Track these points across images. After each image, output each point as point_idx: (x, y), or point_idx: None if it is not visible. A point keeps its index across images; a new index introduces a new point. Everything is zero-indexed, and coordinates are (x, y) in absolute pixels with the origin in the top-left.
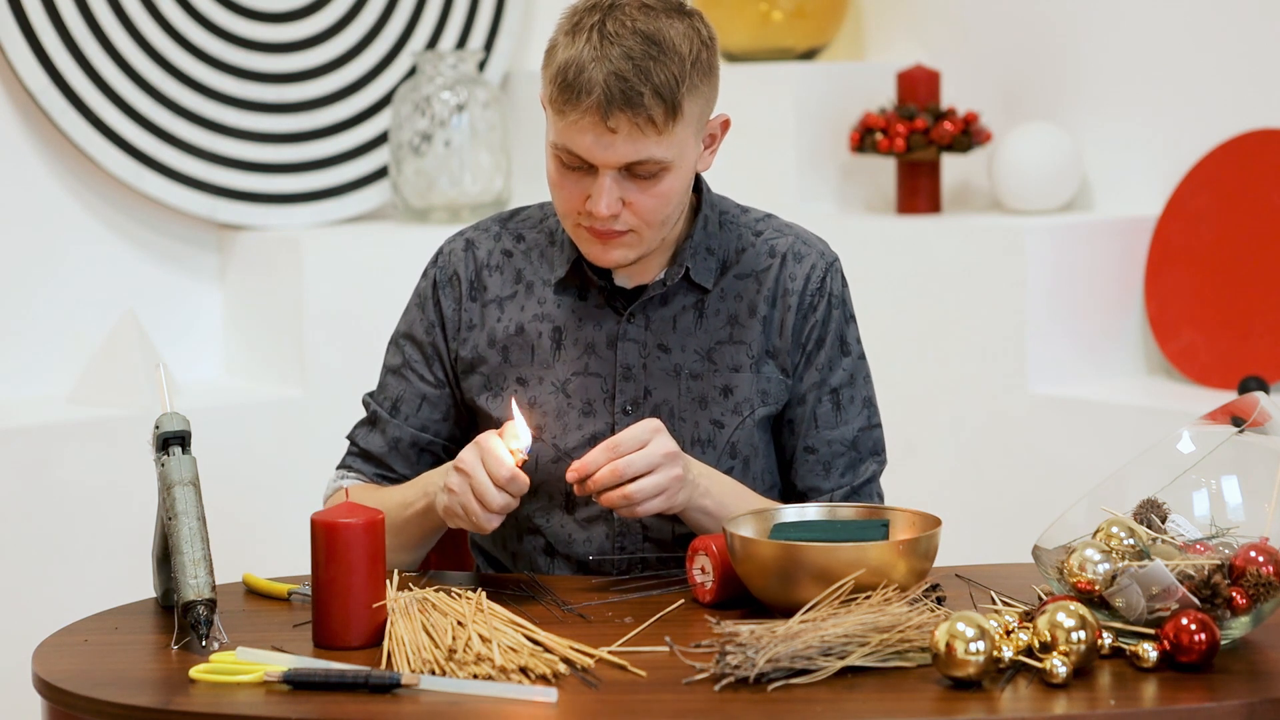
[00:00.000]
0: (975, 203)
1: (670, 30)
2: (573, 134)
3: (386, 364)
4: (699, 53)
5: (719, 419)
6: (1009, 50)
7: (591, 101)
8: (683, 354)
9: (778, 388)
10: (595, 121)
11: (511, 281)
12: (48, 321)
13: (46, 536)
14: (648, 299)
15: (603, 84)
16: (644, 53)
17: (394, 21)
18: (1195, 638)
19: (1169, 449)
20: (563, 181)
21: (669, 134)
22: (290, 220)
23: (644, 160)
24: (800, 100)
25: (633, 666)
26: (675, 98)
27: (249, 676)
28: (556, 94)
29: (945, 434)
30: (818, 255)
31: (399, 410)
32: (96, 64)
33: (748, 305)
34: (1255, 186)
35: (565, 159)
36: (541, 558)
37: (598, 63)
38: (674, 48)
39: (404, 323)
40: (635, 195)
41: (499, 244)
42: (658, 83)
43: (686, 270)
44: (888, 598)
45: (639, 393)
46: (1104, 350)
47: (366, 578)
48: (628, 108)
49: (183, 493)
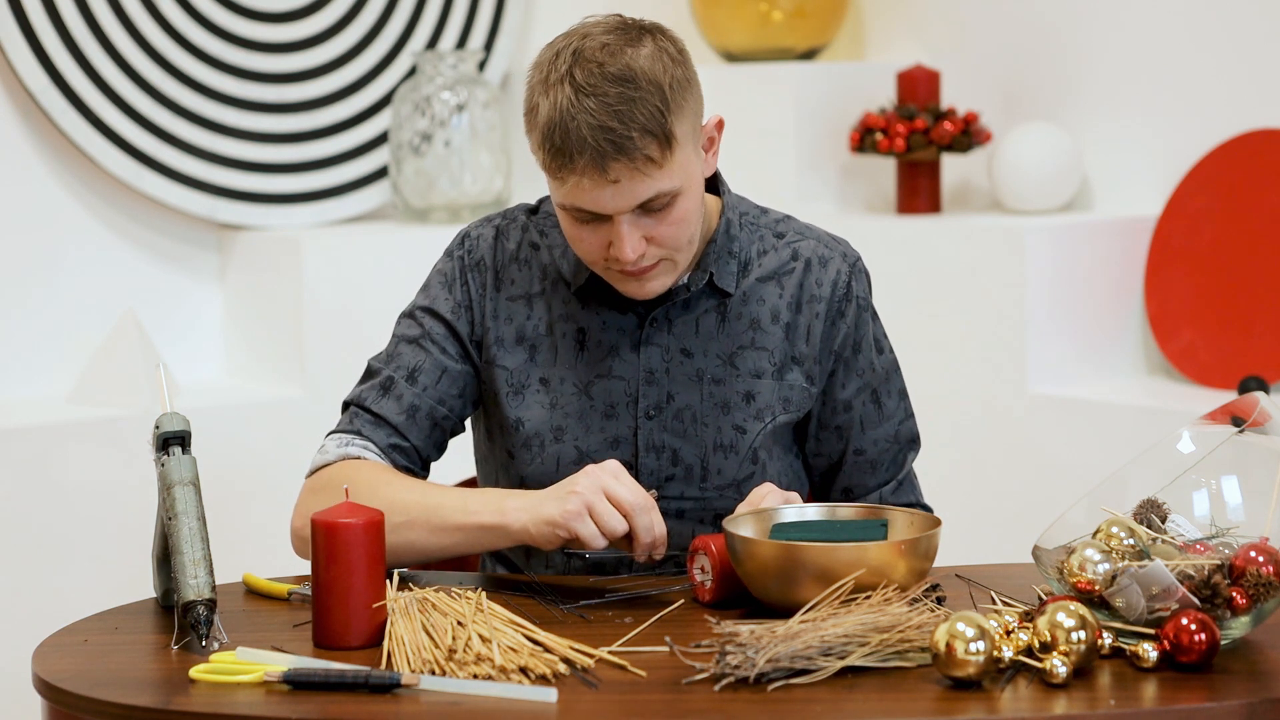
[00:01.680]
0: (975, 203)
1: (639, 61)
2: (577, 194)
3: (400, 334)
4: (673, 72)
5: (741, 424)
6: (1009, 50)
7: (586, 161)
8: (705, 359)
9: (800, 395)
10: (595, 178)
11: (539, 278)
12: (48, 321)
13: (46, 536)
14: (671, 304)
15: (591, 141)
16: (620, 95)
17: (394, 21)
18: (1195, 638)
19: (1169, 449)
20: (580, 234)
21: (669, 164)
22: (290, 220)
23: (654, 196)
24: (800, 100)
25: (633, 666)
26: (665, 129)
27: (249, 676)
28: (550, 161)
29: (945, 434)
30: (840, 258)
31: (416, 379)
32: (96, 64)
33: (770, 310)
34: (1255, 186)
35: (577, 216)
36: (558, 555)
37: (579, 119)
38: (648, 79)
39: (424, 298)
40: (655, 229)
41: (526, 235)
42: (644, 121)
43: (709, 275)
44: (888, 598)
45: (662, 397)
46: (1104, 350)
47: (366, 578)
48: (622, 155)
49: (183, 493)
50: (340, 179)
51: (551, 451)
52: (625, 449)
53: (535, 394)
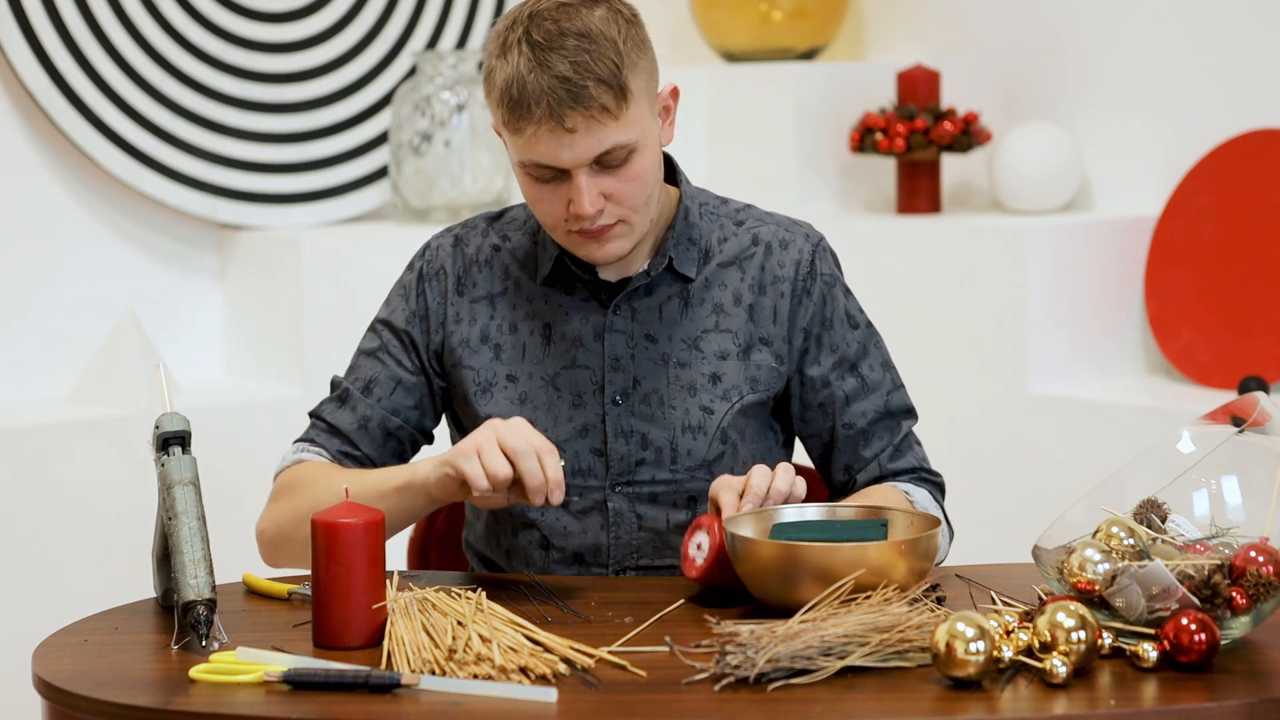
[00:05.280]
0: (975, 203)
1: (593, 20)
2: (534, 146)
3: (361, 348)
4: (626, 31)
5: (709, 405)
6: (1009, 50)
7: (543, 110)
8: (670, 343)
9: (769, 375)
10: (552, 127)
11: (500, 278)
12: (48, 321)
13: (46, 536)
14: (632, 290)
15: (548, 90)
16: (576, 48)
17: (394, 21)
18: (1195, 638)
19: (1169, 449)
20: (540, 194)
21: (624, 116)
22: (290, 220)
23: (610, 149)
24: (800, 100)
25: (633, 666)
26: (619, 81)
27: (249, 676)
28: (508, 115)
29: (945, 434)
30: (803, 239)
31: (371, 391)
32: (96, 64)
33: (732, 293)
34: (1255, 186)
35: (535, 173)
36: (537, 552)
37: (537, 72)
38: (602, 35)
39: (384, 310)
40: (612, 185)
41: (487, 239)
42: (600, 73)
43: (670, 260)
44: (888, 598)
45: (628, 383)
46: (1104, 350)
47: (366, 578)
48: (578, 104)
49: (183, 493)
50: (340, 179)
51: None
52: (595, 436)
53: (503, 390)
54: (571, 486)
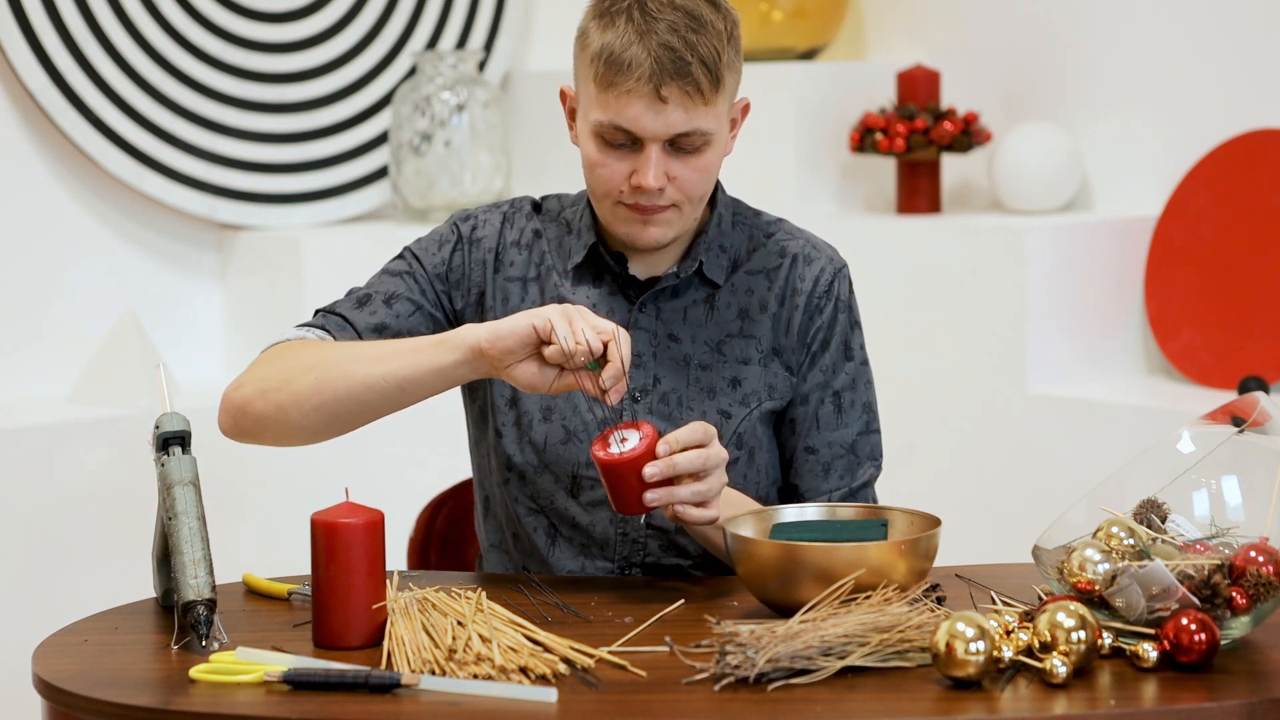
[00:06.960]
0: (975, 203)
1: (704, 9)
2: (622, 107)
3: (387, 267)
4: (732, 30)
5: (727, 409)
6: (1009, 50)
7: (644, 72)
8: (692, 345)
9: (783, 384)
10: (649, 92)
11: (535, 264)
12: (48, 322)
13: (46, 536)
14: (660, 290)
15: (654, 55)
16: (687, 26)
17: (394, 21)
18: (1195, 638)
19: (1169, 449)
20: (605, 160)
21: (713, 105)
22: (290, 220)
23: (691, 131)
24: (800, 100)
25: (633, 666)
26: (718, 69)
27: (249, 676)
28: (604, 70)
29: (945, 434)
30: (827, 260)
31: (392, 305)
32: (96, 64)
33: (758, 301)
34: (1255, 186)
35: (609, 136)
36: (542, 538)
37: (645, 37)
38: (711, 24)
39: (418, 246)
40: (679, 169)
41: (530, 223)
42: (703, 54)
43: (699, 264)
44: (888, 598)
45: (648, 380)
46: (1104, 350)
47: (366, 578)
48: (679, 77)
49: (183, 493)
50: (340, 179)
51: (540, 431)
52: None
53: None
54: (584, 479)
